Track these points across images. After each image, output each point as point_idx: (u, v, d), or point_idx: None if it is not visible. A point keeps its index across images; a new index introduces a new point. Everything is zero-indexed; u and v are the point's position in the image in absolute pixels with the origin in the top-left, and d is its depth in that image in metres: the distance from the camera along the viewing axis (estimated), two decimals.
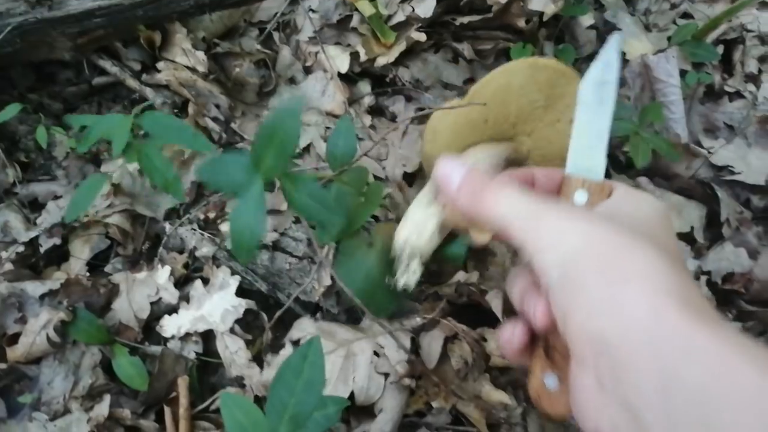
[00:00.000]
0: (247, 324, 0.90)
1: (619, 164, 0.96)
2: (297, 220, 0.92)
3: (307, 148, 1.00)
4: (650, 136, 0.81)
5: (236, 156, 0.68)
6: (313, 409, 0.58)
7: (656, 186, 0.90)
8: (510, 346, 0.41)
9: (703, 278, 0.88)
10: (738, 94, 1.01)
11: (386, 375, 0.81)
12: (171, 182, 0.75)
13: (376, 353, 0.82)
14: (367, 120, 1.02)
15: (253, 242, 0.67)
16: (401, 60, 1.04)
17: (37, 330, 0.82)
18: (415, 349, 0.84)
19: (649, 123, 0.83)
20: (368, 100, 1.04)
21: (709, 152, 0.93)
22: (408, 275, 0.81)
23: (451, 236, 0.86)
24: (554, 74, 0.78)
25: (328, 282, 0.88)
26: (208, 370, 0.88)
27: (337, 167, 0.78)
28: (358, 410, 0.81)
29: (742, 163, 0.95)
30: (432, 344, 0.83)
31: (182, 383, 0.84)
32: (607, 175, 0.97)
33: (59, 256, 0.92)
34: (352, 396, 0.80)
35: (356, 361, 0.82)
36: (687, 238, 0.89)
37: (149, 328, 0.89)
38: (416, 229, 0.81)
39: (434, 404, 0.82)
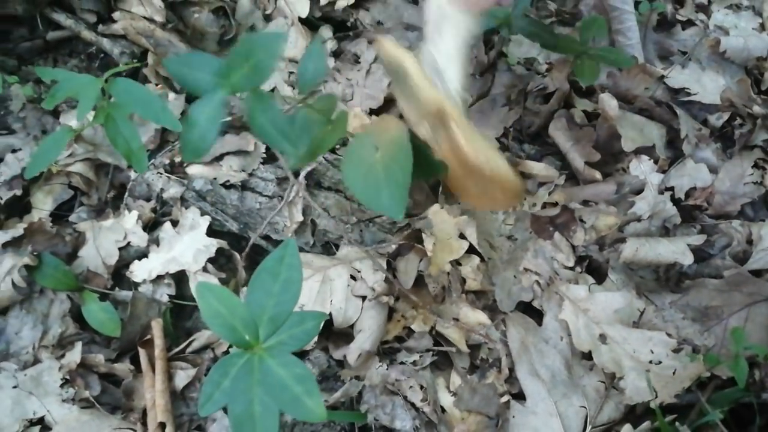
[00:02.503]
0: (220, 266, 0.89)
1: (579, 90, 0.98)
2: (265, 161, 0.92)
3: (271, 92, 0.99)
4: (596, 52, 0.82)
5: (208, 59, 0.66)
6: (292, 308, 0.58)
7: (620, 109, 0.92)
8: None
9: (667, 194, 0.91)
10: (690, 23, 1.04)
11: (363, 298, 0.81)
12: (135, 152, 0.71)
13: (352, 277, 0.82)
14: (331, 63, 1.02)
15: (202, 144, 0.63)
16: (361, 2, 1.04)
17: (1, 276, 0.79)
18: (392, 272, 0.84)
19: (592, 39, 0.84)
20: (331, 45, 1.04)
21: (665, 76, 0.96)
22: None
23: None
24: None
25: (299, 218, 0.88)
26: (182, 315, 0.87)
27: (307, 90, 0.78)
28: (336, 336, 0.81)
29: (697, 85, 0.97)
30: (408, 266, 0.83)
31: (156, 325, 0.83)
32: (569, 105, 0.99)
33: (21, 208, 0.89)
34: (330, 320, 0.80)
35: (333, 286, 0.81)
36: (650, 154, 0.91)
37: (120, 275, 0.87)
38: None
39: (414, 327, 0.82)
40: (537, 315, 0.84)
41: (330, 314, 0.78)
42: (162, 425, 0.75)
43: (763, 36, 1.03)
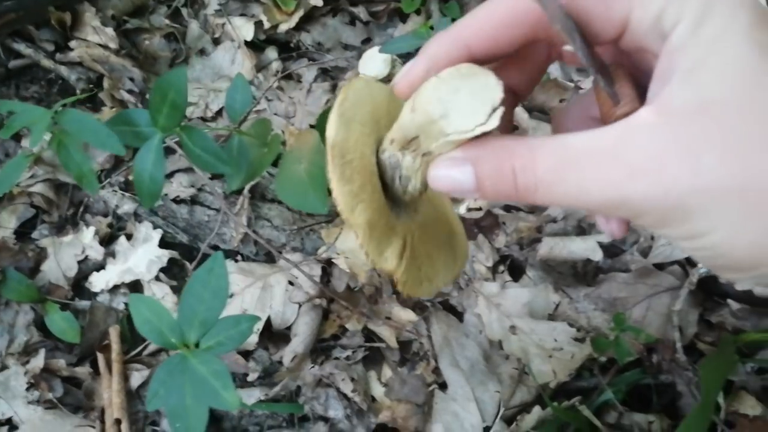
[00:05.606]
0: (173, 275, 0.97)
1: None
2: (213, 177, 1.00)
3: (219, 112, 1.07)
4: None
5: (137, 113, 0.76)
6: (220, 312, 0.66)
7: (534, 119, 1.01)
8: None
9: None
10: None
11: (300, 304, 0.89)
12: (85, 175, 0.78)
13: (291, 283, 0.90)
14: (276, 83, 1.10)
15: (154, 188, 0.74)
16: (302, 25, 1.12)
17: None
18: (328, 278, 0.92)
19: None
20: (276, 65, 1.12)
21: (577, 86, 1.05)
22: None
23: None
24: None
25: (244, 229, 0.96)
26: None
27: (237, 119, 0.86)
28: (276, 338, 0.89)
29: None
30: (341, 272, 0.91)
31: (113, 332, 0.91)
32: None
33: None
34: (269, 322, 0.88)
35: (273, 292, 0.90)
36: None
37: (79, 286, 0.95)
38: None
39: (348, 326, 0.90)
40: (460, 313, 0.92)
41: (269, 317, 0.86)
42: (118, 421, 0.83)
43: None
